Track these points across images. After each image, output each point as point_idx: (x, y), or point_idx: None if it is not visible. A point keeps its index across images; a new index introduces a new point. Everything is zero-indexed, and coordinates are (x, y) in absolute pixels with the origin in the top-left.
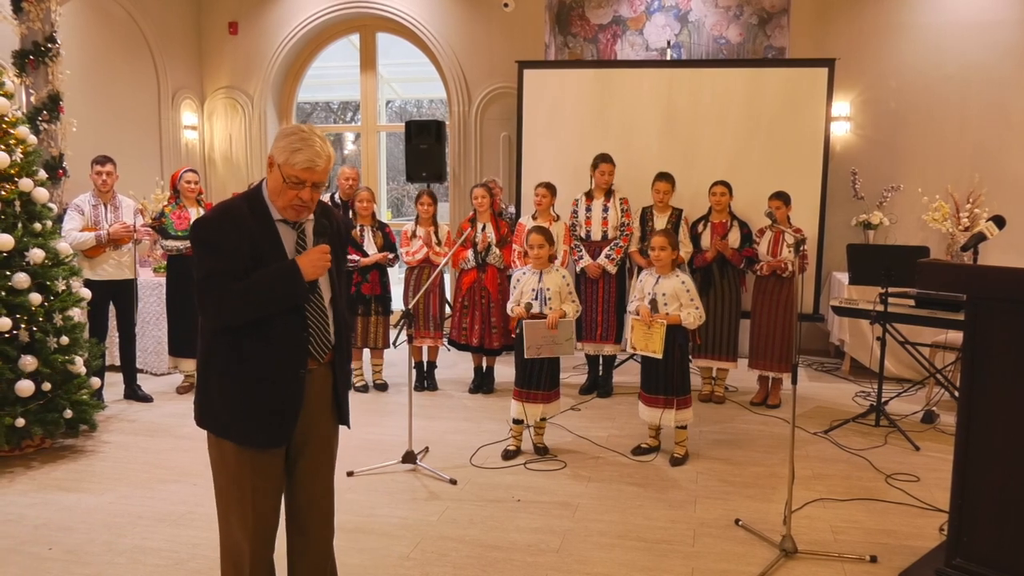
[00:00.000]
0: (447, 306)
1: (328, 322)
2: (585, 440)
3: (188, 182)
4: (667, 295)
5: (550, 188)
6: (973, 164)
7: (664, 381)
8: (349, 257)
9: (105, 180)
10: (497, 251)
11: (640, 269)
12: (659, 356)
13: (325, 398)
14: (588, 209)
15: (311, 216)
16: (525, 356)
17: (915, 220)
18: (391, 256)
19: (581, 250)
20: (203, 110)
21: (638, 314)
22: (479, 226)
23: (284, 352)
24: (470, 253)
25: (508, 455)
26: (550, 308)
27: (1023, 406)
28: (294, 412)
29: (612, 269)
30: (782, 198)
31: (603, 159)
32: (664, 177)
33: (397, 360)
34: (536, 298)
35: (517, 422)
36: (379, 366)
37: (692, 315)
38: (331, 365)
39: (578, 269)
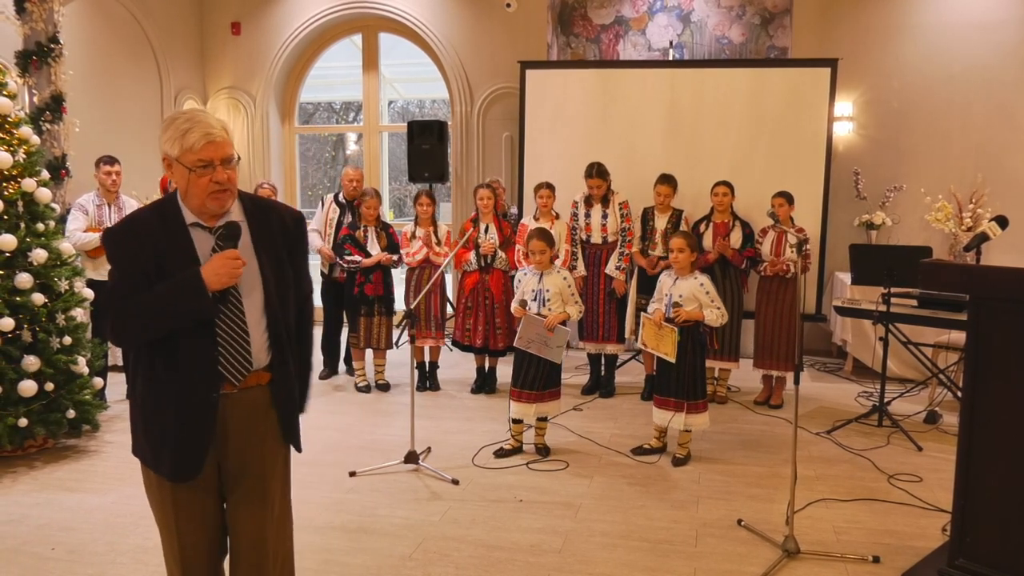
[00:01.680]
0: (449, 306)
1: (247, 339)
2: (587, 440)
3: None
4: (684, 296)
5: (552, 188)
6: (976, 164)
7: (675, 384)
8: (350, 258)
9: (114, 180)
10: (503, 255)
11: (640, 269)
12: (671, 360)
13: (260, 424)
14: (587, 215)
15: (231, 214)
16: (515, 344)
17: (918, 220)
18: (395, 258)
19: (577, 256)
20: (206, 110)
21: (652, 314)
22: (482, 227)
23: (191, 375)
24: (472, 255)
25: (502, 454)
26: (548, 309)
27: None
28: (202, 442)
29: (623, 278)
30: (785, 196)
31: (589, 174)
32: (665, 180)
33: (399, 360)
34: (535, 299)
35: (516, 421)
36: (381, 366)
37: (714, 313)
38: (270, 385)
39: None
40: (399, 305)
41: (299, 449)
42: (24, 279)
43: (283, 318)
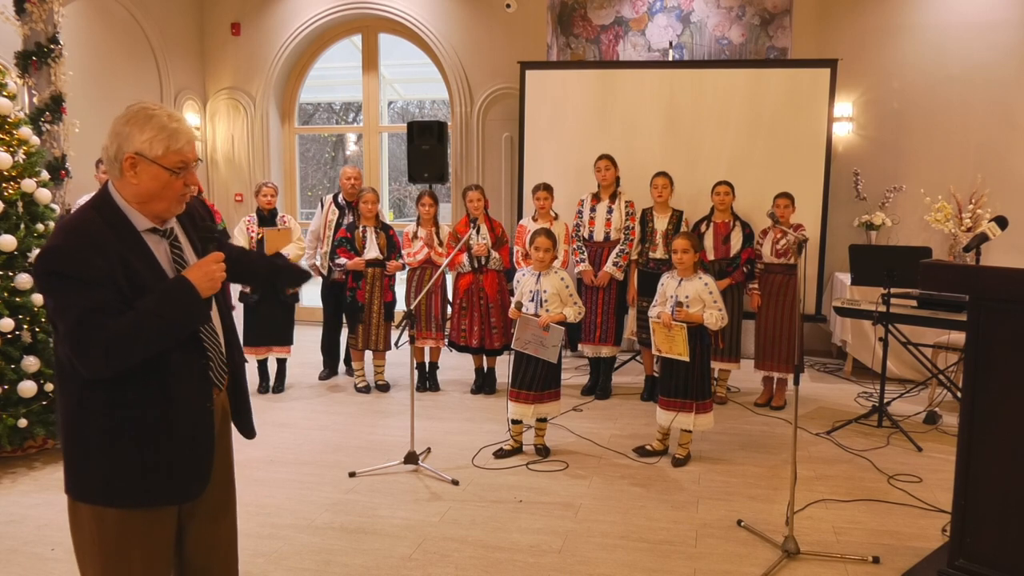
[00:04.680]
0: (448, 307)
1: (221, 342)
2: (587, 441)
3: None
4: (690, 297)
5: (549, 190)
6: (976, 165)
7: (684, 385)
8: (339, 261)
9: None
10: (496, 255)
11: (639, 272)
12: (686, 359)
13: (227, 429)
14: (593, 210)
15: (175, 221)
16: (512, 346)
17: (917, 221)
18: (401, 263)
19: (584, 252)
20: (205, 111)
21: (659, 318)
22: (473, 228)
23: (187, 388)
24: (465, 257)
25: (501, 454)
26: (546, 310)
27: None
28: (210, 451)
29: (620, 276)
30: (789, 198)
31: (600, 157)
32: (662, 173)
33: (399, 361)
34: (532, 299)
35: (516, 422)
36: (381, 367)
37: (714, 315)
38: (228, 387)
39: (576, 272)
40: (400, 305)
41: (251, 435)
42: (24, 279)
43: (230, 321)
